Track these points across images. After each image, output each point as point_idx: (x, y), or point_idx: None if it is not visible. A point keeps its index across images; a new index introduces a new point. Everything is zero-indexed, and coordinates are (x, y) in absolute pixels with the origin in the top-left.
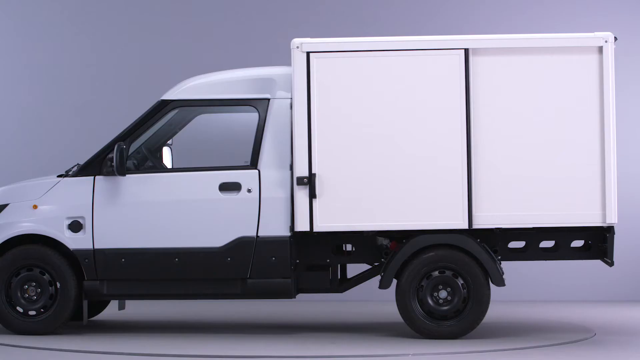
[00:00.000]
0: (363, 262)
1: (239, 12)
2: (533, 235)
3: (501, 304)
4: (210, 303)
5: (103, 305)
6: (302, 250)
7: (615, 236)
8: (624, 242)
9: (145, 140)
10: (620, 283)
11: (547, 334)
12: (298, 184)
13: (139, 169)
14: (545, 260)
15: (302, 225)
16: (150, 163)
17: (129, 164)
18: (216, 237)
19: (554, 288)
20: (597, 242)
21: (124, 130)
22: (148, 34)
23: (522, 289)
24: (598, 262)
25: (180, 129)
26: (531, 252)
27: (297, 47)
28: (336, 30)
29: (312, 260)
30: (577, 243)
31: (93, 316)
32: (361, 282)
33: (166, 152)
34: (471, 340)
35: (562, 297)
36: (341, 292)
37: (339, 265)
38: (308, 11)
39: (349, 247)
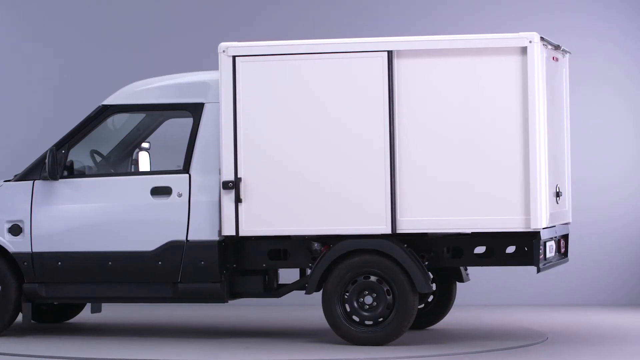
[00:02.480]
0: (299, 267)
1: (183, 18)
2: (467, 240)
3: (453, 308)
4: (182, 307)
5: (79, 308)
6: (238, 254)
7: (571, 240)
8: (580, 247)
9: (116, 146)
10: (574, 287)
11: (499, 339)
12: (224, 188)
13: (86, 173)
14: (479, 265)
15: (228, 230)
16: (95, 168)
17: (82, 167)
18: (148, 241)
19: (507, 292)
20: (531, 248)
21: (64, 135)
22: (99, 41)
23: (475, 294)
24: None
25: (149, 133)
26: (465, 257)
27: (224, 52)
28: (278, 34)
29: (248, 265)
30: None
31: (69, 319)
32: (298, 287)
33: (143, 156)
34: (421, 345)
35: (516, 301)
36: (278, 297)
37: (307, 269)
38: (251, 16)
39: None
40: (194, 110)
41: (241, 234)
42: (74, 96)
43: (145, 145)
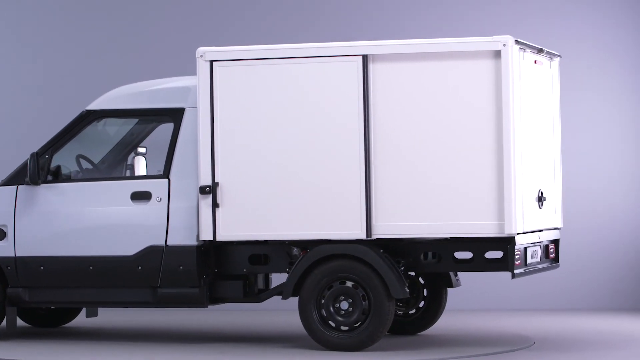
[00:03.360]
0: (279, 272)
1: (167, 23)
2: (445, 245)
3: (443, 313)
4: (173, 311)
5: (75, 312)
6: (219, 259)
7: (561, 245)
8: (568, 252)
9: (110, 151)
10: (562, 292)
11: (487, 344)
12: (201, 192)
13: (72, 178)
14: (457, 271)
15: (205, 235)
16: (81, 173)
17: (68, 172)
18: (128, 245)
19: (496, 297)
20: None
21: (48, 141)
22: (84, 46)
23: (465, 299)
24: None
25: (143, 138)
26: (444, 262)
27: (201, 56)
28: (257, 39)
29: (228, 270)
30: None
31: (65, 323)
32: (279, 292)
33: (140, 161)
34: (410, 350)
35: (504, 306)
36: (259, 302)
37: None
38: (235, 21)
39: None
40: (175, 115)
41: (218, 238)
42: (59, 101)
43: (141, 150)
